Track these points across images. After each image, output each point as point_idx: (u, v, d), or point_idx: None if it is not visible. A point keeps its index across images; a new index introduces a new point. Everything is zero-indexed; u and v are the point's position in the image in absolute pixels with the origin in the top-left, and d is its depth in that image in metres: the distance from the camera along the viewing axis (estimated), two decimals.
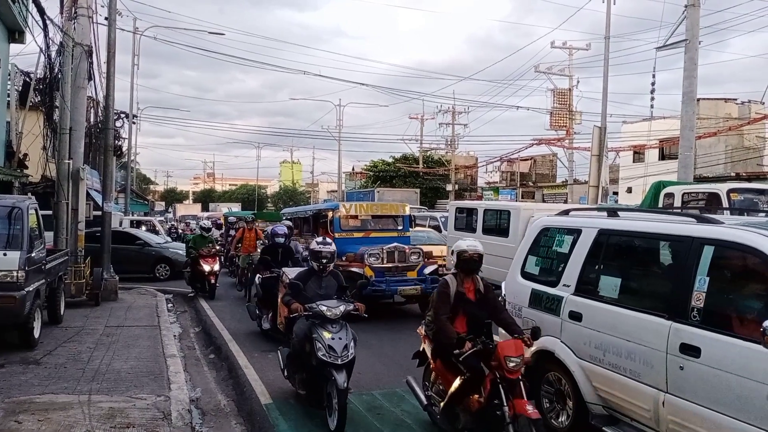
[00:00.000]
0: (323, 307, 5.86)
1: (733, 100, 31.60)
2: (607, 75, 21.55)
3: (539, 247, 6.11)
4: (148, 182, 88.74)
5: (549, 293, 5.65)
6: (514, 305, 6.19)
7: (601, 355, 4.91)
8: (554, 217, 6.31)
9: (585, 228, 5.50)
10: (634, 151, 32.84)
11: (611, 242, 5.33)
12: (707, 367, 4.07)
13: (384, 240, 12.13)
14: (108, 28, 14.62)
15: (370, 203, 13.15)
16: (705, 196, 11.86)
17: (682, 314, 4.30)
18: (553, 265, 5.83)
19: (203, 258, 14.20)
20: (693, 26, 14.95)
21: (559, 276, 5.61)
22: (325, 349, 5.59)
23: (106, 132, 15.08)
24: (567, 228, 5.81)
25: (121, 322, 10.81)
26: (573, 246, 5.54)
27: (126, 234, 19.57)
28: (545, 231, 6.09)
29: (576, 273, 5.41)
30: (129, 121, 30.47)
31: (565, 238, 5.72)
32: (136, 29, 29.87)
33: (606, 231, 5.32)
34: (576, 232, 5.59)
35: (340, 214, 12.56)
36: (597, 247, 5.31)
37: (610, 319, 4.90)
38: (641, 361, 4.55)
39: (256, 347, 9.28)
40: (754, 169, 28.21)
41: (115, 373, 7.43)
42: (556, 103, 39.56)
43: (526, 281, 6.13)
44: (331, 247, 6.35)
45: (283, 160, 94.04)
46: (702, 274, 4.23)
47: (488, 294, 5.44)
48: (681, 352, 4.22)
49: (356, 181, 58.13)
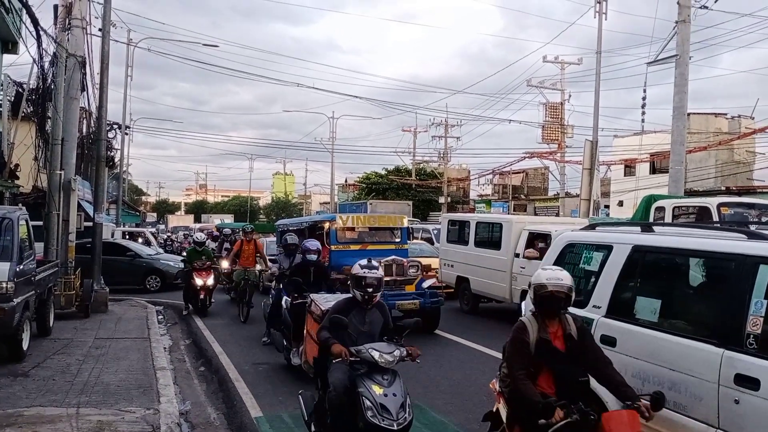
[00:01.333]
0: (374, 352, 4.66)
1: (724, 115, 31.93)
2: (599, 89, 21.76)
3: (564, 264, 5.43)
4: (140, 193, 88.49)
5: (577, 315, 5.08)
6: None
7: (640, 385, 4.41)
8: (580, 232, 5.89)
9: (617, 244, 5.02)
10: (626, 165, 33.06)
11: (648, 260, 4.87)
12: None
13: (381, 253, 11.61)
14: (102, 39, 14.63)
15: (367, 215, 12.91)
16: (696, 210, 11.95)
17: (735, 341, 3.83)
18: (580, 284, 5.21)
19: (196, 272, 13.68)
20: (683, 42, 15.12)
21: (587, 296, 5.11)
22: (376, 409, 4.41)
23: (98, 143, 15.04)
24: (596, 244, 5.33)
25: (110, 334, 10.74)
26: (603, 264, 5.07)
27: (117, 245, 19.47)
28: (570, 247, 5.61)
29: (608, 293, 4.93)
30: (121, 132, 30.43)
31: (593, 255, 5.26)
32: (130, 41, 29.89)
33: (642, 248, 4.83)
34: (606, 248, 5.12)
35: (336, 225, 12.10)
36: (631, 265, 4.84)
37: (649, 345, 4.43)
38: (687, 392, 4.08)
39: (247, 360, 9.23)
40: (744, 183, 28.45)
41: (104, 385, 7.37)
42: (548, 117, 39.77)
43: None
44: (379, 272, 5.20)
45: (275, 172, 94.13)
46: (759, 296, 3.79)
47: (585, 341, 4.14)
48: (736, 384, 3.75)
49: (349, 193, 58.15)
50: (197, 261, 13.94)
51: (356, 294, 5.15)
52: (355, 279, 5.15)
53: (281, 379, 8.13)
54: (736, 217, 11.31)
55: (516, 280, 12.53)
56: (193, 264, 13.84)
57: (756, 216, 11.49)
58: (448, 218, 16.37)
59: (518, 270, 12.45)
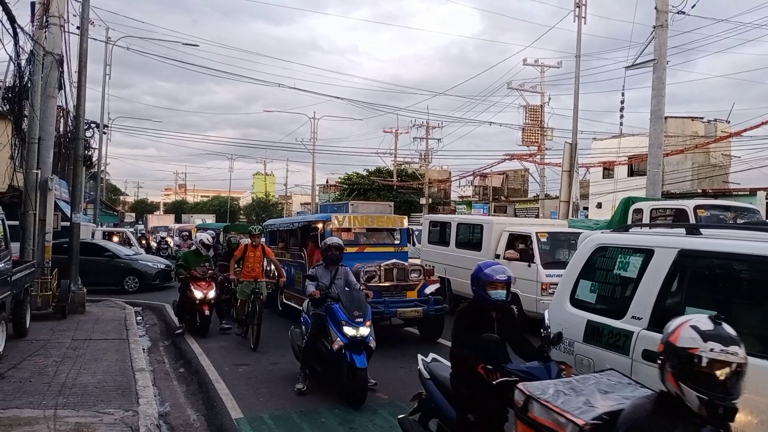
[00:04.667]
0: None
1: (700, 118, 32.39)
2: (578, 92, 22.00)
3: (595, 270, 5.08)
4: (118, 193, 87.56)
5: (613, 327, 4.61)
6: (563, 339, 5.12)
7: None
8: (613, 234, 5.35)
9: (659, 248, 4.51)
10: (604, 168, 33.40)
11: (699, 266, 4.37)
12: None
13: (380, 255, 11.10)
14: (80, 37, 14.47)
15: (365, 215, 12.00)
16: (672, 212, 12.14)
17: None
18: (615, 292, 4.84)
19: (195, 282, 11.00)
20: (661, 46, 15.32)
21: (625, 306, 4.60)
22: None
23: (76, 142, 14.87)
24: (633, 248, 4.80)
25: (88, 335, 10.61)
26: (643, 270, 4.56)
27: (94, 245, 19.28)
28: (601, 251, 5.08)
29: (650, 303, 4.40)
30: (99, 131, 30.11)
31: (630, 260, 4.75)
32: (109, 39, 29.64)
33: (690, 252, 4.31)
34: (646, 252, 4.61)
35: (332, 226, 11.30)
36: (678, 271, 4.35)
37: None
38: (757, 417, 3.63)
39: (228, 361, 9.18)
40: (720, 185, 28.92)
41: (81, 387, 7.28)
42: (528, 120, 40.10)
43: (579, 311, 5.06)
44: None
45: (256, 172, 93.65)
46: None
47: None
48: None
49: (330, 193, 58.07)
50: (197, 267, 11.25)
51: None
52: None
53: (262, 381, 8.10)
54: (712, 219, 11.51)
55: None
56: (192, 271, 11.17)
57: (732, 218, 11.72)
58: (429, 219, 16.43)
59: None
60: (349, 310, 7.00)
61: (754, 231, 4.38)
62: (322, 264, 7.97)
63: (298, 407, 6.89)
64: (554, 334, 4.51)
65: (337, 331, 6.92)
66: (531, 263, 11.54)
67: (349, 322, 6.92)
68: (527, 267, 11.62)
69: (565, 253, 11.22)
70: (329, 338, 7.04)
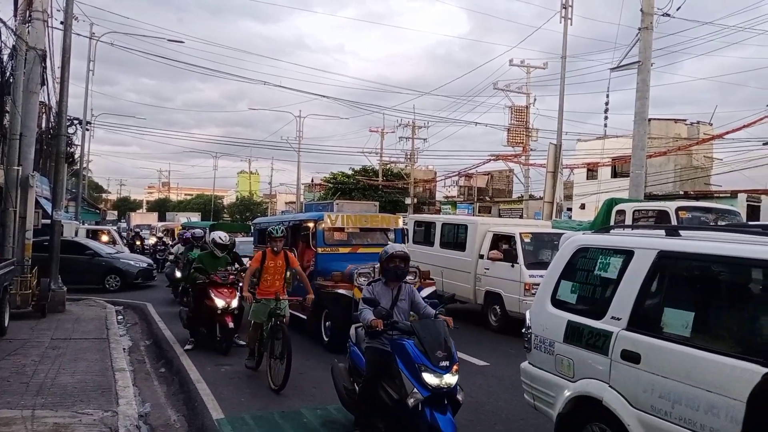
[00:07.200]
0: None
1: (683, 121, 32.75)
2: (563, 93, 22.05)
3: (576, 270, 5.11)
4: (101, 191, 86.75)
5: (592, 327, 4.65)
6: (544, 339, 5.16)
7: (669, 407, 3.98)
8: (594, 236, 5.36)
9: (639, 249, 4.56)
10: (588, 169, 33.64)
11: (678, 267, 4.41)
12: None
13: (374, 256, 10.16)
14: (63, 32, 14.29)
15: (359, 214, 11.52)
16: (655, 214, 12.24)
17: None
18: (596, 292, 4.87)
19: (216, 288, 9.60)
20: (646, 48, 15.45)
21: (605, 306, 4.64)
22: None
23: (58, 138, 14.69)
24: (613, 249, 4.83)
25: (68, 335, 10.49)
26: (623, 271, 4.60)
27: (75, 243, 19.06)
28: (583, 251, 5.10)
29: (629, 303, 4.45)
30: (82, 128, 29.81)
31: (611, 261, 4.78)
32: (93, 34, 29.35)
33: (669, 254, 4.35)
34: (626, 253, 4.65)
35: (324, 225, 10.82)
36: (657, 272, 4.39)
37: (681, 363, 3.95)
38: (728, 417, 3.63)
39: (210, 361, 9.10)
40: (702, 188, 29.24)
41: (61, 387, 7.20)
42: (513, 120, 40.25)
43: (560, 311, 5.08)
44: None
45: (240, 171, 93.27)
46: None
47: None
48: None
49: (315, 192, 57.95)
50: (218, 271, 9.82)
51: None
52: None
53: (244, 381, 8.04)
54: (693, 221, 11.63)
55: (480, 281, 12.64)
56: (213, 276, 9.72)
57: (713, 220, 11.84)
58: (414, 219, 16.43)
59: (483, 271, 12.57)
60: (430, 350, 5.02)
61: (734, 233, 4.41)
62: (380, 280, 6.00)
63: (280, 408, 6.85)
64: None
65: (412, 379, 4.93)
66: (514, 263, 11.59)
67: (429, 366, 4.92)
68: (511, 267, 11.67)
69: (548, 254, 11.27)
70: (397, 385, 5.05)
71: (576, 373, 4.73)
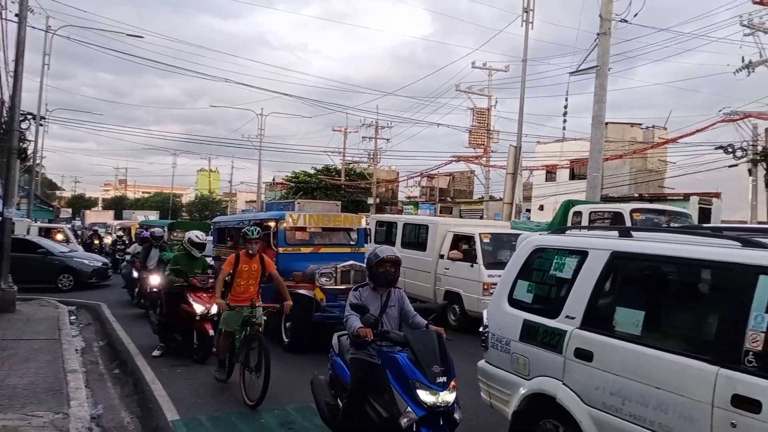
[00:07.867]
0: None
1: (639, 125, 33.55)
2: (524, 96, 22.31)
3: (532, 270, 5.17)
4: (54, 188, 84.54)
5: (547, 326, 4.71)
6: (500, 338, 5.20)
7: (620, 404, 4.04)
8: (550, 236, 5.42)
9: (593, 250, 4.62)
10: (547, 171, 34.19)
11: (630, 267, 4.53)
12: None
13: (336, 256, 10.51)
14: (18, 25, 13.87)
15: (321, 214, 11.38)
16: (610, 215, 12.50)
17: (732, 359, 3.49)
18: (551, 292, 4.93)
19: (194, 293, 8.99)
20: (604, 53, 15.76)
21: (559, 306, 4.70)
22: None
23: (10, 134, 14.25)
24: (568, 249, 4.89)
25: (19, 335, 10.19)
26: (578, 271, 4.66)
27: (27, 242, 18.53)
28: (539, 252, 5.16)
29: (583, 303, 4.52)
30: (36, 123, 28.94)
31: (566, 261, 4.82)
32: (49, 27, 28.59)
33: (622, 254, 4.44)
34: (580, 254, 4.71)
35: (285, 225, 10.72)
36: (610, 272, 4.48)
37: (631, 361, 4.01)
38: (676, 413, 3.70)
39: (165, 362, 8.95)
40: (656, 190, 30.02)
41: (10, 389, 6.98)
42: (474, 122, 40.60)
43: (516, 310, 5.12)
44: None
45: (200, 169, 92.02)
46: (759, 309, 3.44)
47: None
48: (734, 406, 3.41)
49: (276, 191, 57.49)
50: (194, 273, 9.19)
51: None
52: None
53: (200, 382, 7.94)
54: (647, 223, 11.93)
55: (440, 281, 12.73)
56: (192, 279, 9.07)
57: (665, 222, 12.15)
58: (376, 219, 16.44)
59: (443, 271, 12.66)
60: (426, 364, 4.50)
61: (685, 235, 4.49)
62: (368, 285, 5.45)
63: (236, 408, 6.78)
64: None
65: (405, 397, 4.42)
66: (474, 263, 11.71)
67: (425, 383, 4.41)
68: (470, 267, 11.78)
69: (507, 254, 11.38)
70: (387, 401, 4.52)
71: (531, 372, 4.79)
